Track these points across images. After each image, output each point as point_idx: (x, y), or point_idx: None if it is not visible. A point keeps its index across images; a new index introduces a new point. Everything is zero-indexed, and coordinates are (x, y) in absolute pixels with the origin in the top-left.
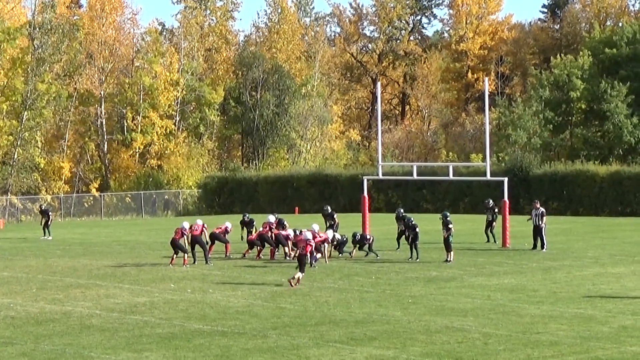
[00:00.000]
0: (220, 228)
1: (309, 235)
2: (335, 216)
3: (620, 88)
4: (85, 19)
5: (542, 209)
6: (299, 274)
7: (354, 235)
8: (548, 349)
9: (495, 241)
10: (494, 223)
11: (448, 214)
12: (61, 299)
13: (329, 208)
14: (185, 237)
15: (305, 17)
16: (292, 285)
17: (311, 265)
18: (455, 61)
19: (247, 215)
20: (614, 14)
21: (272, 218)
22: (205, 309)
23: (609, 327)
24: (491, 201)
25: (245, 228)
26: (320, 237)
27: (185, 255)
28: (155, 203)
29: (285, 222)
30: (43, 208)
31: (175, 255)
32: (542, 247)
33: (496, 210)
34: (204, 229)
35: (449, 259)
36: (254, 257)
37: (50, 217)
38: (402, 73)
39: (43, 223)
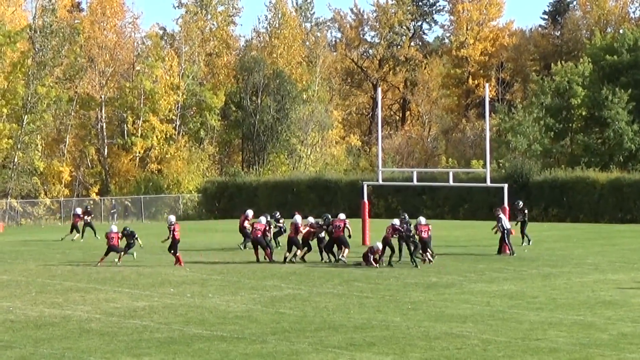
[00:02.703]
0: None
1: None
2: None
3: (621, 95)
4: (86, 23)
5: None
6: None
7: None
8: (547, 355)
9: (529, 242)
10: (526, 225)
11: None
12: (60, 302)
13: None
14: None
15: (306, 23)
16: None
17: (337, 260)
18: (456, 67)
19: (128, 228)
20: (615, 21)
21: (298, 218)
22: (204, 313)
23: (608, 334)
24: (521, 202)
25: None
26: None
27: (121, 254)
28: (154, 207)
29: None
30: (88, 208)
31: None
32: (499, 251)
33: (526, 211)
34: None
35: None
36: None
37: (92, 216)
38: (402, 79)
39: (84, 223)
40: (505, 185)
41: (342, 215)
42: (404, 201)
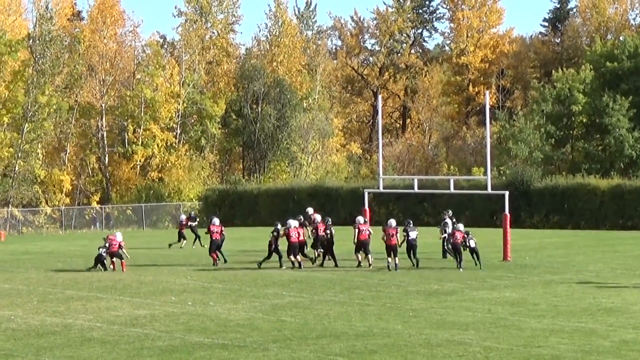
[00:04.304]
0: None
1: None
2: None
3: (622, 102)
4: (86, 32)
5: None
6: None
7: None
8: None
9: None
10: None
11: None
12: (62, 311)
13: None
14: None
15: (307, 30)
16: None
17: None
18: (456, 74)
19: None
20: (615, 28)
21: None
22: (206, 321)
23: (610, 341)
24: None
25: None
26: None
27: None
28: (155, 215)
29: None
30: (192, 215)
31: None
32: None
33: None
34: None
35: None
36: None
37: (196, 222)
38: (403, 86)
39: (189, 230)
40: (507, 193)
41: (361, 219)
42: (404, 208)
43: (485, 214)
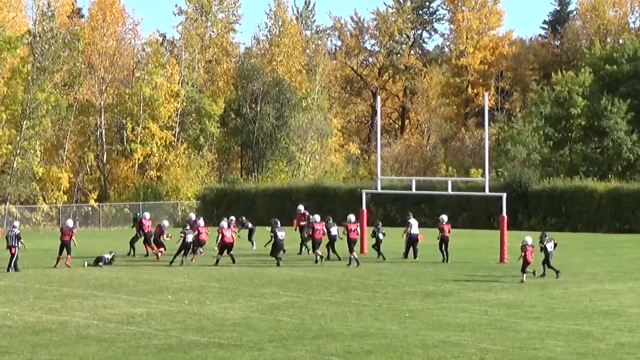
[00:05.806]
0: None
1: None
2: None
3: (620, 105)
4: (86, 29)
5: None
6: None
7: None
8: None
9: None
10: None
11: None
12: (58, 308)
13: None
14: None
15: (307, 30)
16: None
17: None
18: (455, 76)
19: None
20: (614, 31)
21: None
22: (202, 320)
23: (605, 344)
24: (318, 217)
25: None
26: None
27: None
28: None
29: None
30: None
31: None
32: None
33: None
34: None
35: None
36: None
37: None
38: (402, 87)
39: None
40: (504, 195)
41: (317, 217)
42: (402, 209)
43: (482, 215)
